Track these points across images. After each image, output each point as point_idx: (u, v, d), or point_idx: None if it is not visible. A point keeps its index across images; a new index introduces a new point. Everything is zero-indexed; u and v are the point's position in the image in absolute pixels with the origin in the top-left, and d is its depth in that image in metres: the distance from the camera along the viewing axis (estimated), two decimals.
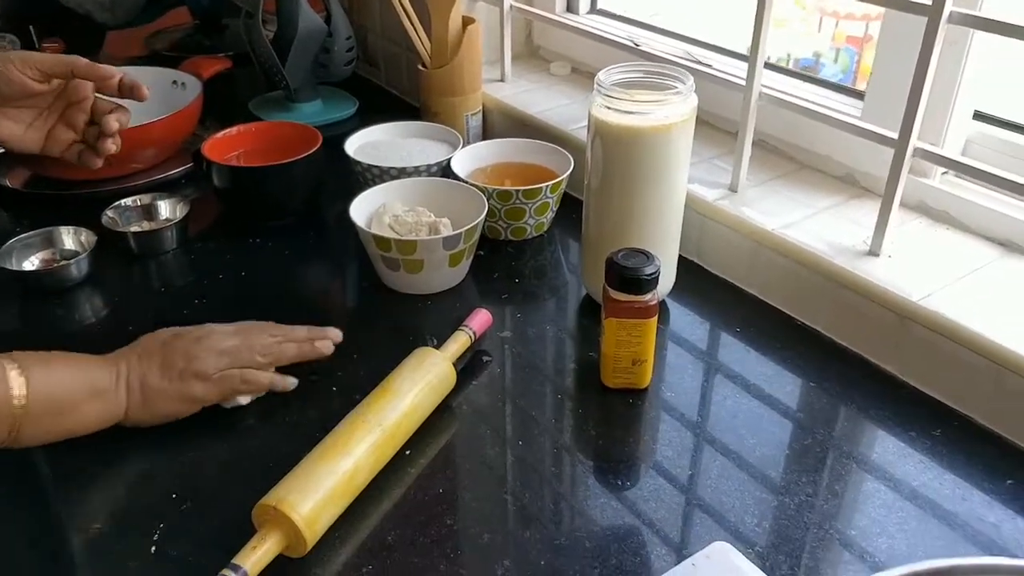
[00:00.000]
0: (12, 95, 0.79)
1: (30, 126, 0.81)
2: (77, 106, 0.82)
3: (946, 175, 0.81)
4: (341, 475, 0.58)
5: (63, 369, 0.60)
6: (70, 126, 0.83)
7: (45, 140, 0.82)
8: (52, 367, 0.60)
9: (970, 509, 0.60)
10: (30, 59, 0.79)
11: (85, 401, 0.60)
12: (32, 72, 0.78)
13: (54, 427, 0.60)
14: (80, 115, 0.82)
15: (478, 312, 0.76)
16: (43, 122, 0.82)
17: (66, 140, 0.83)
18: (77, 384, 0.60)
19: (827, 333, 0.77)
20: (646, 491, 0.62)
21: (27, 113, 0.81)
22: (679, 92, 0.71)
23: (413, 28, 1.07)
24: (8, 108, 0.79)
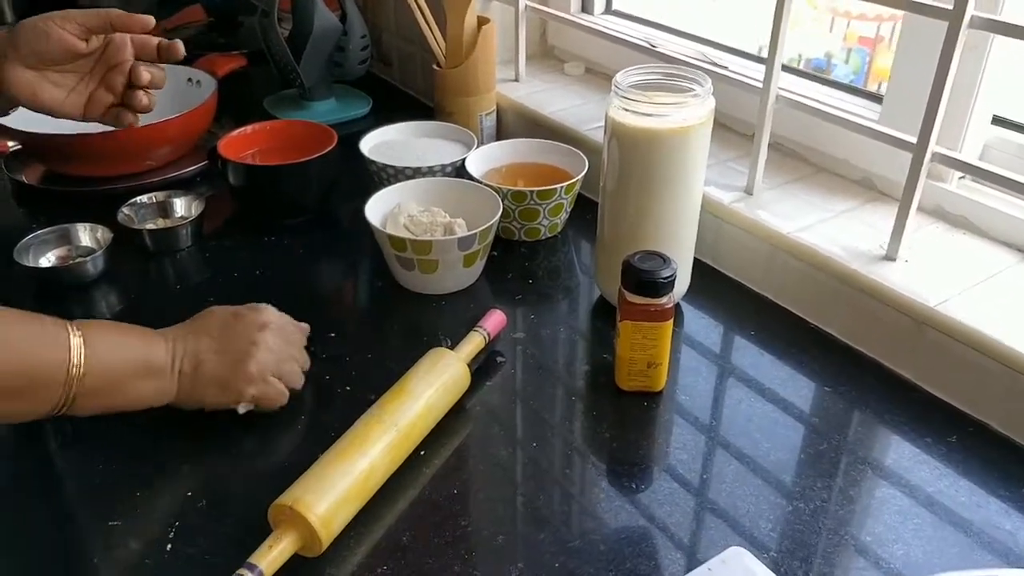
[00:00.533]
0: (53, 54, 0.79)
1: (72, 91, 0.82)
2: (116, 69, 0.83)
3: (963, 179, 0.81)
4: (357, 475, 0.58)
5: (122, 343, 0.61)
6: (109, 89, 0.83)
7: (85, 106, 0.83)
8: (113, 337, 0.60)
9: (986, 516, 0.60)
10: (69, 15, 0.79)
11: (139, 378, 0.61)
12: (72, 27, 0.79)
13: (111, 399, 0.60)
14: (119, 77, 0.83)
15: (492, 313, 0.76)
16: (84, 87, 0.82)
17: (105, 103, 0.83)
18: (133, 361, 0.60)
19: (842, 337, 0.77)
20: (660, 495, 0.62)
21: (70, 78, 0.81)
22: (697, 95, 0.71)
23: (428, 28, 1.07)
24: (51, 73, 0.80)
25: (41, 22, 0.78)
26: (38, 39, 0.77)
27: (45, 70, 0.79)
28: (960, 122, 0.78)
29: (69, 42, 0.79)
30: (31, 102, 0.80)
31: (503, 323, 0.76)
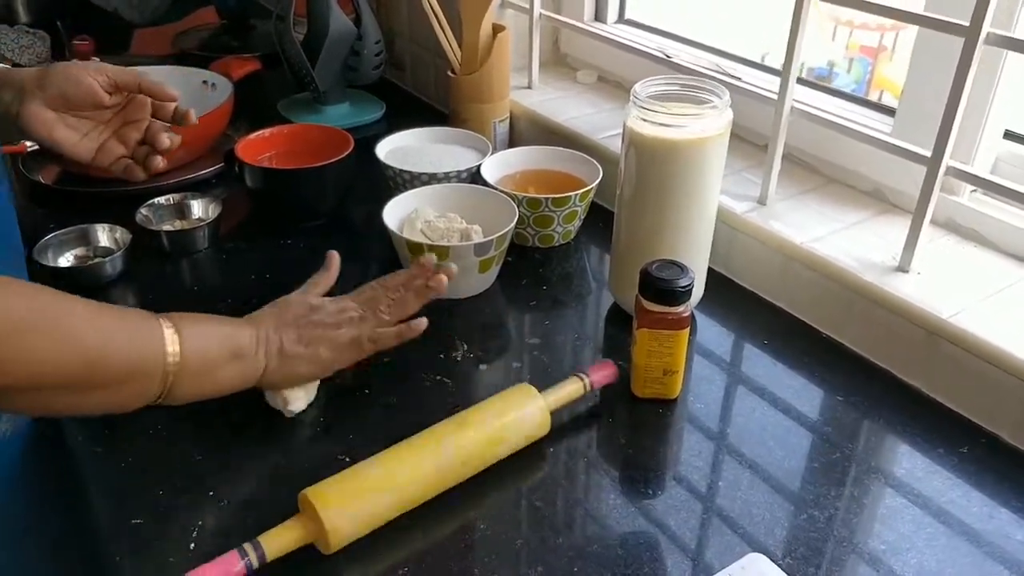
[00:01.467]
0: (79, 100, 0.81)
1: (86, 136, 0.83)
2: (133, 124, 0.85)
3: (975, 193, 0.82)
4: (390, 489, 0.58)
5: (211, 329, 0.63)
6: (122, 141, 0.85)
7: (96, 152, 0.84)
8: (202, 326, 0.62)
9: (998, 527, 0.60)
10: (103, 67, 0.82)
11: (229, 362, 0.62)
12: (103, 80, 0.81)
13: (201, 386, 0.62)
14: (134, 133, 0.85)
15: (603, 364, 0.70)
16: (98, 134, 0.84)
17: (115, 154, 0.85)
18: (223, 345, 0.62)
19: (855, 348, 0.78)
20: (677, 501, 0.62)
21: (85, 124, 0.83)
22: (715, 106, 0.72)
23: (444, 34, 1.08)
24: (69, 116, 0.82)
25: (75, 68, 0.81)
26: (68, 83, 0.80)
27: (65, 113, 0.81)
28: (972, 136, 0.79)
29: (97, 93, 0.81)
30: (45, 139, 0.81)
31: (612, 377, 0.70)
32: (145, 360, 0.58)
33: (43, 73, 0.80)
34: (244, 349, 0.64)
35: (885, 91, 1.90)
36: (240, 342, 0.64)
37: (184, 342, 0.59)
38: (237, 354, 0.63)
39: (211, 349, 0.62)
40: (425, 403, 0.71)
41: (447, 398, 0.72)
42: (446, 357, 0.77)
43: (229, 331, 0.64)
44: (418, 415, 0.69)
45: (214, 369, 0.62)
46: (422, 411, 0.70)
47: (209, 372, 0.62)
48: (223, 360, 0.62)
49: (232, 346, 0.63)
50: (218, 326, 0.64)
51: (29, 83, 0.79)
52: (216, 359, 0.62)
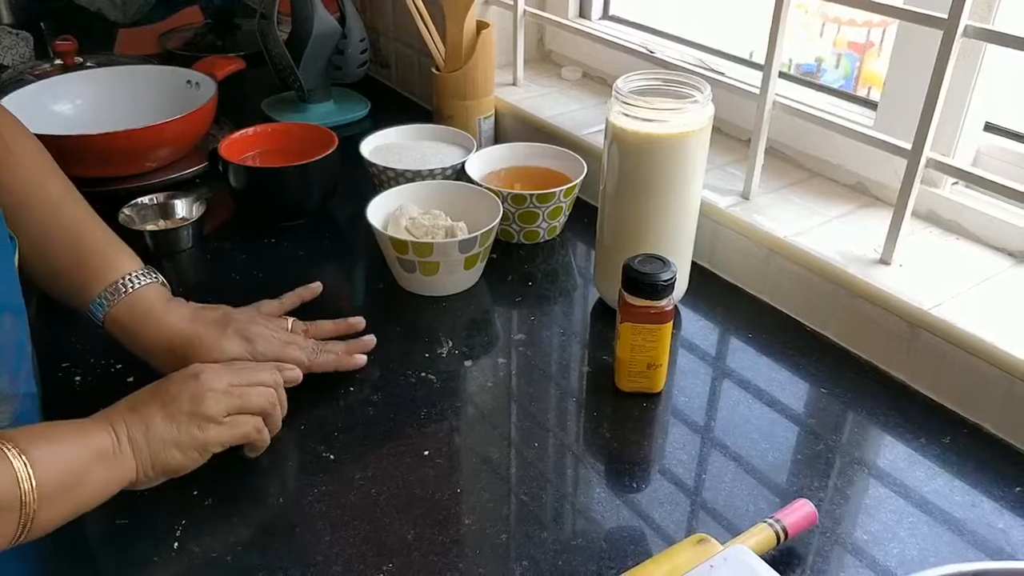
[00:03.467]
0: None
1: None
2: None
3: (956, 185, 0.82)
4: None
5: (59, 437, 0.55)
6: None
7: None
8: (47, 438, 0.54)
9: (980, 515, 0.61)
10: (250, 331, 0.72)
11: (91, 468, 0.55)
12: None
13: (66, 506, 0.54)
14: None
15: (800, 505, 0.58)
16: None
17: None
18: (79, 450, 0.55)
19: (838, 340, 0.78)
20: (661, 494, 0.63)
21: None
22: (697, 101, 0.72)
23: (428, 31, 1.08)
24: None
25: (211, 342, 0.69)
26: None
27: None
28: (953, 128, 0.80)
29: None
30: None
31: (812, 520, 0.58)
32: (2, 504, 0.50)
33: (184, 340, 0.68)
34: (104, 448, 0.56)
35: (873, 87, 1.91)
36: (97, 442, 0.56)
37: (34, 464, 0.51)
38: (99, 456, 0.55)
39: (66, 461, 0.53)
40: (410, 401, 0.71)
41: (432, 395, 0.72)
42: (431, 354, 0.77)
43: (80, 433, 0.56)
44: (403, 413, 0.70)
45: (77, 481, 0.54)
46: (407, 409, 0.70)
47: (73, 487, 0.53)
48: (85, 468, 0.54)
49: (91, 449, 0.55)
50: (67, 431, 0.55)
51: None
52: (76, 470, 0.54)
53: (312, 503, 0.61)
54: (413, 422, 0.69)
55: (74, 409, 0.69)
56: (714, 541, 0.55)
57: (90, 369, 0.74)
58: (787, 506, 0.58)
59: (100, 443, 0.56)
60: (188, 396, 0.60)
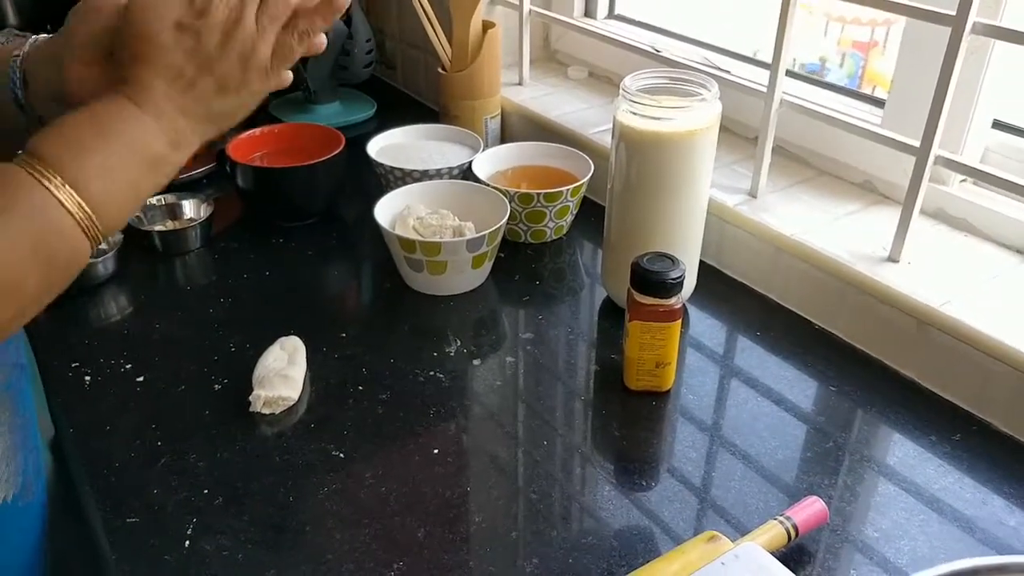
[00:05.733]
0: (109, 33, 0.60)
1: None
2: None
3: (964, 182, 0.82)
4: None
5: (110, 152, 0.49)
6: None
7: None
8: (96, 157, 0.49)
9: (990, 513, 0.61)
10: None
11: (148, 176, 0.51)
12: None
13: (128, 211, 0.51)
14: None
15: (811, 502, 0.58)
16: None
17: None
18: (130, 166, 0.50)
19: (846, 338, 0.78)
20: (670, 492, 0.63)
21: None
22: (704, 99, 0.72)
23: (434, 32, 1.08)
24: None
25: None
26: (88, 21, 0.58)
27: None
28: (961, 126, 0.79)
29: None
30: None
31: (822, 518, 0.58)
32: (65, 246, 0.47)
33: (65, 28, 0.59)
34: (158, 155, 0.51)
35: (877, 86, 1.91)
36: (150, 149, 0.51)
37: (88, 195, 0.47)
38: (154, 164, 0.51)
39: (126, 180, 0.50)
40: (419, 399, 0.71)
41: (441, 394, 0.72)
42: (439, 353, 0.77)
43: (128, 141, 0.50)
44: (412, 411, 0.70)
45: (137, 194, 0.51)
46: (416, 407, 0.70)
47: (130, 201, 0.51)
48: (141, 179, 0.51)
49: (144, 159, 0.51)
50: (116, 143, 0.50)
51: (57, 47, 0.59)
52: (135, 186, 0.50)
53: (322, 501, 0.61)
54: (422, 421, 0.69)
55: (84, 410, 0.70)
56: (725, 539, 0.55)
57: (99, 369, 0.74)
58: (797, 504, 0.58)
59: (155, 148, 0.51)
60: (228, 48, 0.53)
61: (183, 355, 0.76)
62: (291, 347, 0.74)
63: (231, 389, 0.71)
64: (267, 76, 0.55)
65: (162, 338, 0.78)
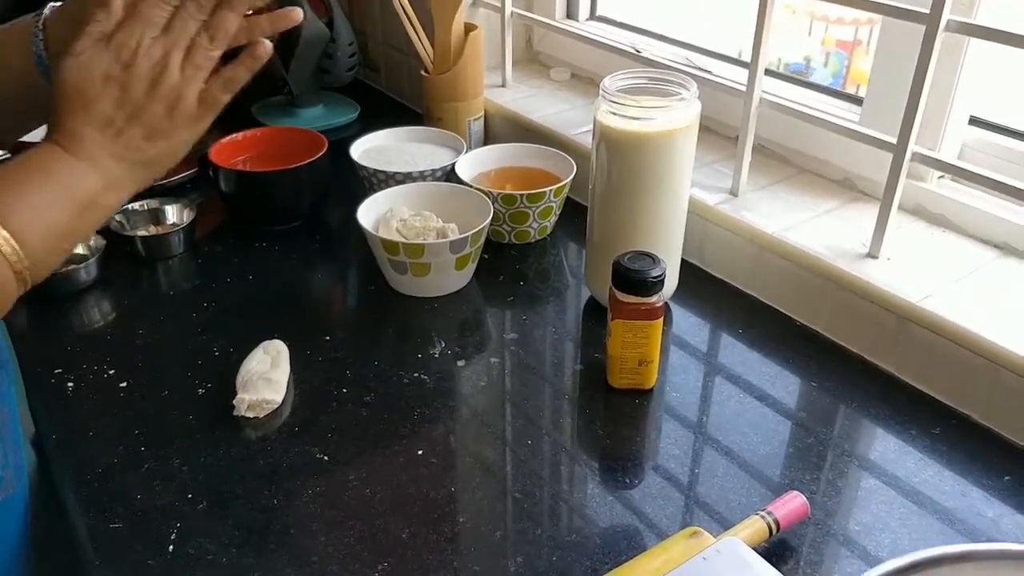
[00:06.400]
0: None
1: None
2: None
3: (942, 179, 0.83)
4: None
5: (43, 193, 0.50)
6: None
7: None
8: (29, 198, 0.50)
9: (970, 504, 0.61)
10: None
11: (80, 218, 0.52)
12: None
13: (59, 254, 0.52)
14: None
15: (792, 497, 0.59)
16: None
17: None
18: (64, 207, 0.51)
19: (827, 334, 0.79)
20: (653, 489, 0.63)
21: None
22: (683, 98, 0.72)
23: (416, 34, 1.08)
24: None
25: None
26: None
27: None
28: (938, 123, 0.80)
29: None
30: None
31: (803, 512, 0.59)
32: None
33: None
34: (91, 196, 0.52)
35: (862, 84, 1.92)
36: (82, 191, 0.52)
37: (13, 230, 0.48)
38: (87, 205, 0.52)
39: (57, 222, 0.51)
40: (403, 401, 0.71)
41: (425, 396, 0.72)
42: (424, 355, 0.77)
43: (60, 182, 0.51)
44: (396, 413, 0.70)
45: (69, 236, 0.52)
46: (400, 409, 0.70)
47: (62, 241, 0.52)
48: (74, 221, 0.51)
49: (75, 200, 0.51)
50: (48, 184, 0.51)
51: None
52: (67, 227, 0.51)
53: (307, 504, 0.61)
54: (406, 422, 0.69)
55: (67, 416, 0.69)
56: (707, 534, 0.55)
57: (82, 375, 0.74)
58: (779, 498, 0.59)
59: (87, 186, 0.52)
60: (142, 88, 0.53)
61: (166, 360, 0.76)
62: (274, 351, 0.74)
63: (215, 393, 0.71)
64: (195, 123, 0.56)
65: (145, 343, 0.78)
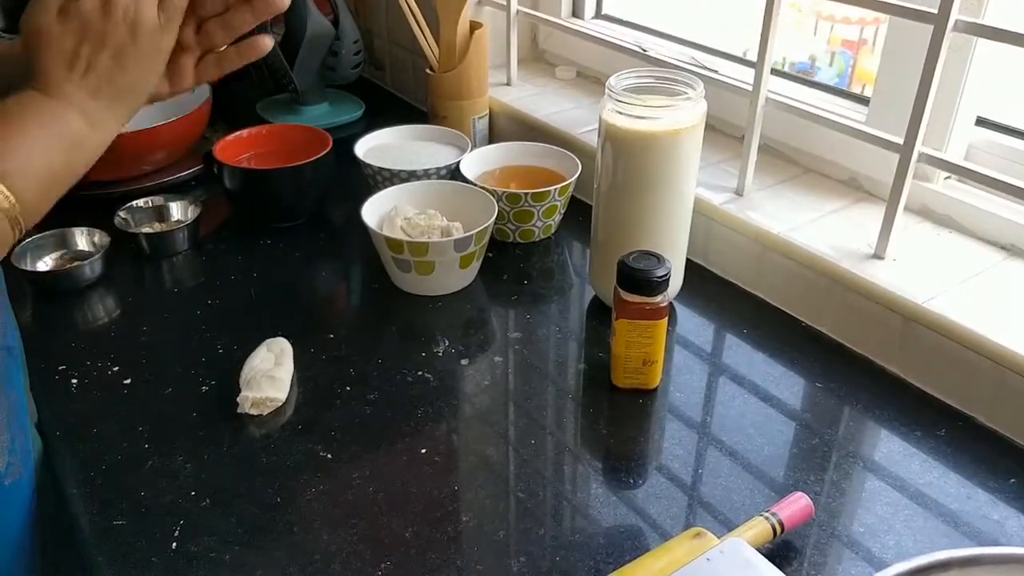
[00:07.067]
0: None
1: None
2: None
3: (949, 179, 0.83)
4: None
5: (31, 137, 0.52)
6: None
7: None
8: (17, 142, 0.51)
9: (975, 507, 0.61)
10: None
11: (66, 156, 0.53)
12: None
13: (50, 193, 0.53)
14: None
15: (796, 498, 0.59)
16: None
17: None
18: (51, 147, 0.52)
19: (832, 335, 0.78)
20: (657, 489, 0.63)
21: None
22: (689, 98, 0.72)
23: (421, 32, 1.08)
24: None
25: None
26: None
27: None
28: (945, 123, 0.80)
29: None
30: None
31: (807, 514, 0.59)
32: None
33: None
34: (75, 135, 0.53)
35: (867, 84, 1.91)
36: (65, 130, 0.53)
37: (7, 183, 0.49)
38: (72, 145, 0.53)
39: (45, 164, 0.52)
40: (407, 400, 0.71)
41: (429, 394, 0.72)
42: (427, 353, 0.77)
43: (42, 125, 0.52)
44: (400, 412, 0.70)
45: (58, 178, 0.53)
46: (403, 407, 0.70)
47: (53, 184, 0.53)
48: (61, 162, 0.53)
49: (60, 140, 0.53)
50: (31, 128, 0.52)
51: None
52: (55, 168, 0.53)
53: (310, 502, 0.61)
54: (410, 421, 0.69)
55: (71, 412, 0.69)
56: (710, 535, 0.55)
57: (86, 372, 0.74)
58: (783, 500, 0.59)
59: (72, 127, 0.53)
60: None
61: (170, 357, 0.76)
62: (278, 348, 0.74)
63: (218, 391, 0.71)
64: (159, 35, 0.56)
65: (149, 340, 0.78)
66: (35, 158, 0.52)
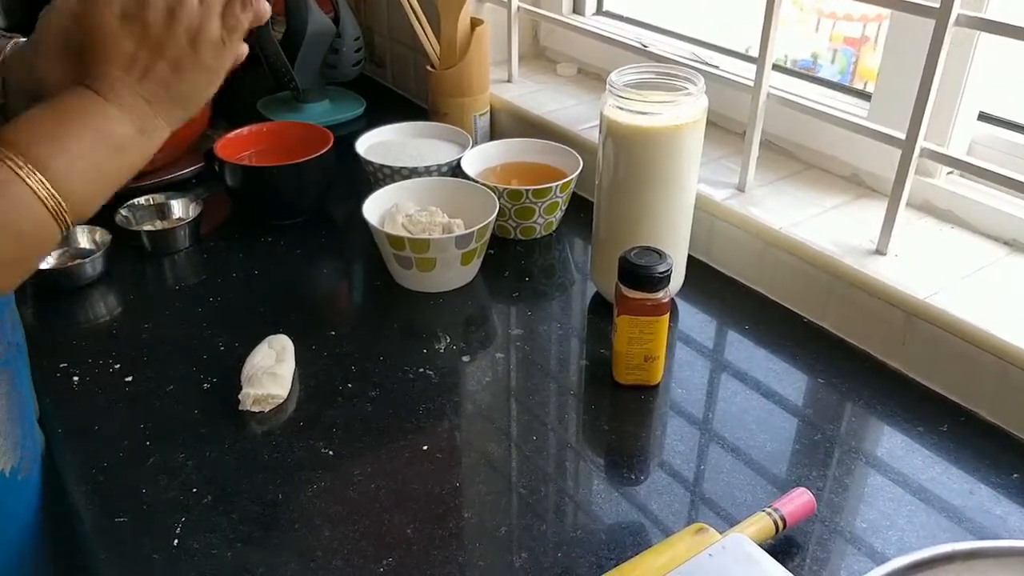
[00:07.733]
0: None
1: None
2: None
3: (951, 175, 0.83)
4: None
5: (77, 137, 0.51)
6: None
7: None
8: (64, 142, 0.50)
9: (978, 502, 0.61)
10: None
11: (113, 159, 0.52)
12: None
13: (98, 194, 0.52)
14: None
15: (798, 494, 0.59)
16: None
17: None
18: (97, 148, 0.51)
19: (834, 331, 0.78)
20: (659, 485, 0.63)
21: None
22: (690, 93, 0.72)
23: (422, 29, 1.08)
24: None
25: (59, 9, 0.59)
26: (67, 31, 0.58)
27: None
28: (947, 118, 0.80)
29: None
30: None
31: (810, 509, 0.58)
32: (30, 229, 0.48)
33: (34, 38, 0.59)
34: (124, 139, 0.52)
35: (869, 81, 1.91)
36: (115, 133, 0.52)
37: (50, 177, 0.48)
38: (120, 147, 0.52)
39: (92, 165, 0.51)
40: (408, 396, 0.71)
41: (430, 391, 0.72)
42: (429, 350, 0.77)
43: (93, 126, 0.51)
44: (401, 409, 0.70)
45: (105, 180, 0.52)
46: (405, 404, 0.70)
47: (99, 185, 0.52)
48: (108, 164, 0.52)
49: (109, 143, 0.52)
50: (81, 129, 0.51)
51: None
52: (103, 170, 0.52)
53: (311, 499, 0.61)
54: (411, 418, 0.69)
55: (73, 410, 0.69)
56: (713, 530, 0.55)
57: (88, 369, 0.74)
58: (785, 495, 0.59)
59: (119, 130, 0.52)
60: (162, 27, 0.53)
61: (172, 355, 0.76)
62: (280, 345, 0.74)
63: (220, 388, 0.71)
64: (221, 50, 0.55)
65: (151, 338, 0.78)
66: (85, 159, 0.51)
